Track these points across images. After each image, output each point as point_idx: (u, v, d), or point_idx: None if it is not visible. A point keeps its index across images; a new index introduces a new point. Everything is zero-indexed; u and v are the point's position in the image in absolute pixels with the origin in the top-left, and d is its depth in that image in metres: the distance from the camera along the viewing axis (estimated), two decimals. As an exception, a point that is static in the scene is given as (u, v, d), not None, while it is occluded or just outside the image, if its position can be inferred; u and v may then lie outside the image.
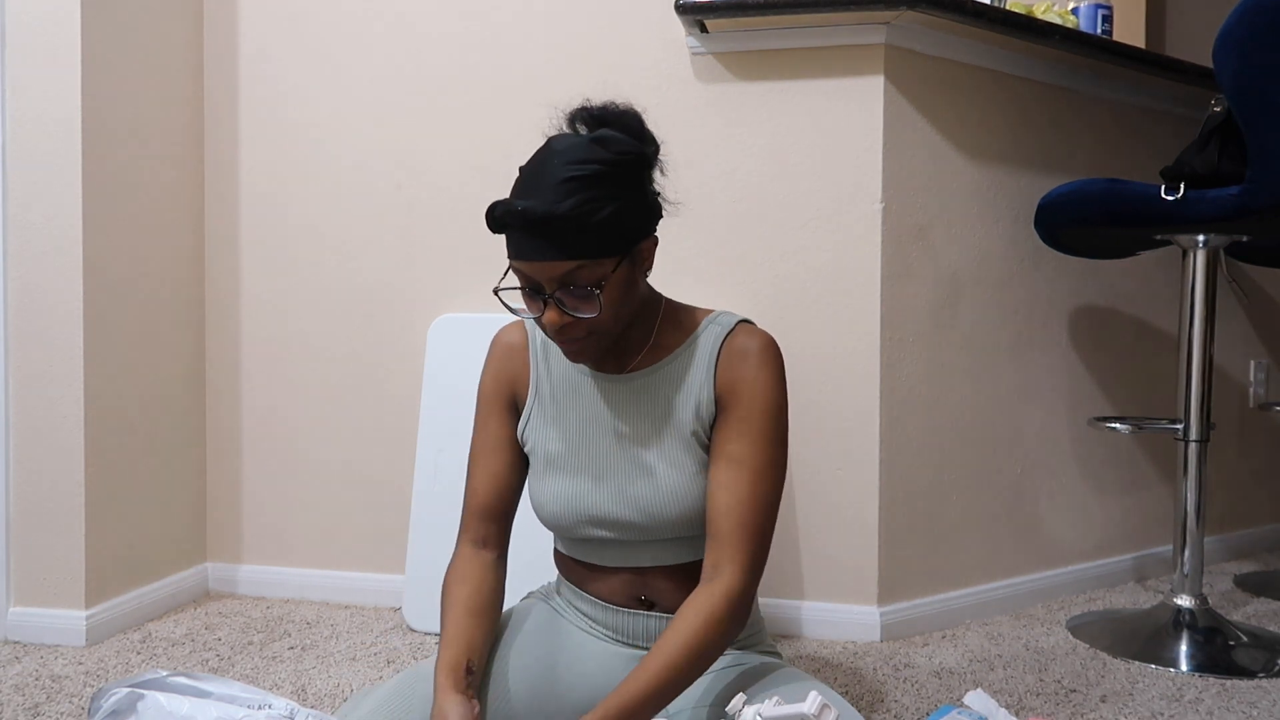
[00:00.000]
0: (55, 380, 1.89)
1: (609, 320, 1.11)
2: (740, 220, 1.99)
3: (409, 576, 2.01)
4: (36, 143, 1.87)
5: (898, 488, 1.97)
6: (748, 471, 1.12)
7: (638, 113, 1.15)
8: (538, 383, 1.24)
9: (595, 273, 1.07)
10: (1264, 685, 1.70)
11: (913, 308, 1.98)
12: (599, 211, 1.04)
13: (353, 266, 2.17)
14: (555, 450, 1.21)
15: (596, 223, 1.04)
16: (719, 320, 1.21)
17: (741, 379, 1.15)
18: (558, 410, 1.23)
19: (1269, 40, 1.64)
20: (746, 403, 1.14)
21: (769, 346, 1.17)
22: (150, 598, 2.05)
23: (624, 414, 1.20)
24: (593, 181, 1.05)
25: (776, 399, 1.15)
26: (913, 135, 1.97)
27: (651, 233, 1.14)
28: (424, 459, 2.03)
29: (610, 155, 1.07)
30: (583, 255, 1.05)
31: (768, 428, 1.14)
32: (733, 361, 1.16)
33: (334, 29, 2.16)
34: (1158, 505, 2.44)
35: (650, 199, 1.13)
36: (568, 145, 1.08)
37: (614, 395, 1.21)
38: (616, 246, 1.07)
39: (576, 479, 1.19)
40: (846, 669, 1.77)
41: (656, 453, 1.18)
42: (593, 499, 1.18)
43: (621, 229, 1.07)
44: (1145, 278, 2.39)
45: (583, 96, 2.07)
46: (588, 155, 1.06)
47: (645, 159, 1.12)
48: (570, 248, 1.04)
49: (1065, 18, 2.21)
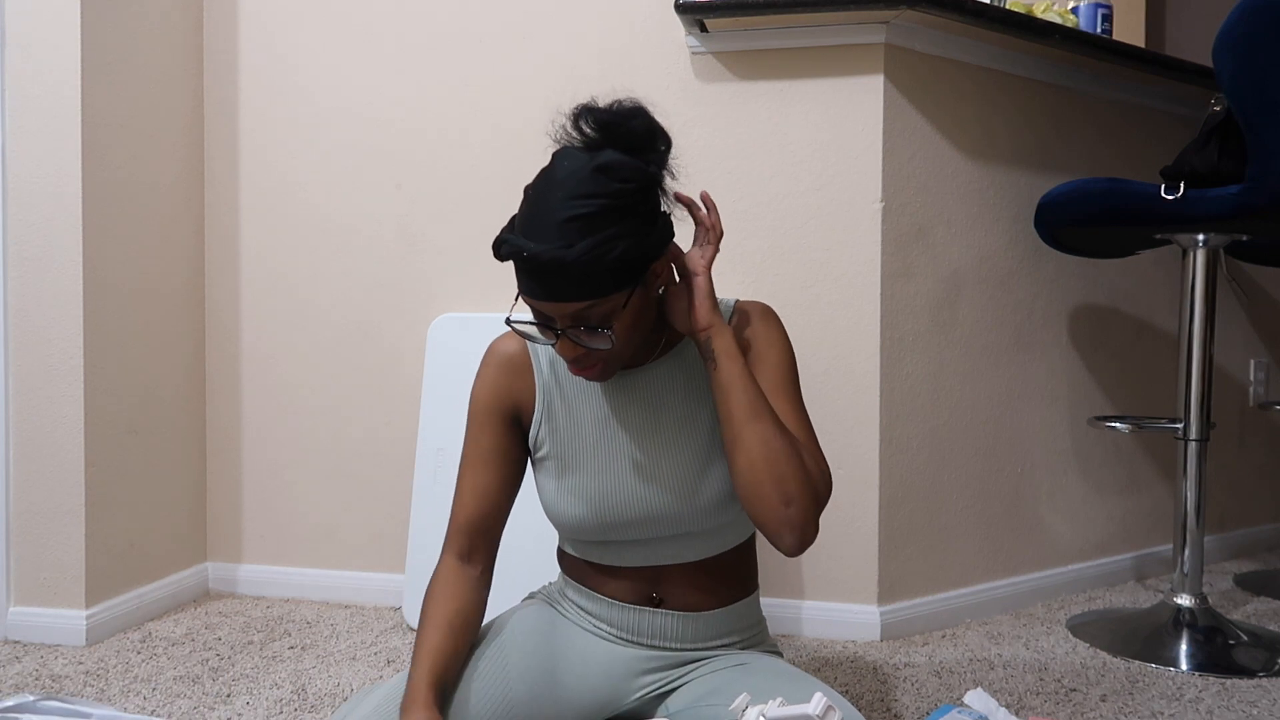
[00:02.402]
0: (55, 380, 1.89)
1: (625, 347, 1.10)
2: (740, 220, 1.99)
3: (409, 576, 2.01)
4: (36, 145, 1.87)
5: (898, 488, 1.97)
6: (784, 397, 1.14)
7: (645, 110, 1.10)
8: (544, 389, 1.22)
9: (607, 308, 1.05)
10: (1264, 684, 1.70)
11: (913, 307, 1.98)
12: (609, 254, 1.01)
13: (353, 265, 2.17)
14: (573, 452, 1.20)
15: (607, 264, 1.01)
16: (720, 304, 1.21)
17: (750, 337, 1.17)
18: (569, 413, 1.21)
19: (1268, 40, 1.64)
20: (759, 352, 1.17)
21: (767, 310, 1.21)
22: (150, 597, 2.05)
23: (640, 408, 1.19)
24: (599, 221, 1.01)
25: (787, 351, 1.18)
26: (913, 135, 1.97)
27: (665, 251, 1.11)
28: (424, 458, 2.03)
29: (615, 186, 1.02)
30: (594, 295, 1.03)
31: (786, 372, 1.17)
32: (741, 322, 1.19)
33: (335, 29, 2.16)
34: (1158, 505, 2.44)
35: (661, 219, 1.09)
36: (570, 174, 1.03)
37: (628, 391, 1.20)
38: (628, 280, 1.05)
39: (599, 479, 1.18)
40: (846, 669, 1.77)
41: (679, 442, 1.17)
42: (619, 498, 1.17)
43: (632, 264, 1.04)
44: (1145, 277, 2.39)
45: (582, 95, 2.08)
46: (592, 189, 1.01)
47: (651, 180, 1.07)
48: (581, 290, 1.02)
49: (1065, 17, 2.21)
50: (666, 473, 1.17)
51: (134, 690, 1.65)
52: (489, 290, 2.11)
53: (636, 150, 1.07)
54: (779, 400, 1.15)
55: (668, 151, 1.12)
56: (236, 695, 1.62)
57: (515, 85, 2.08)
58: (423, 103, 2.13)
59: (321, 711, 1.55)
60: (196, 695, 1.62)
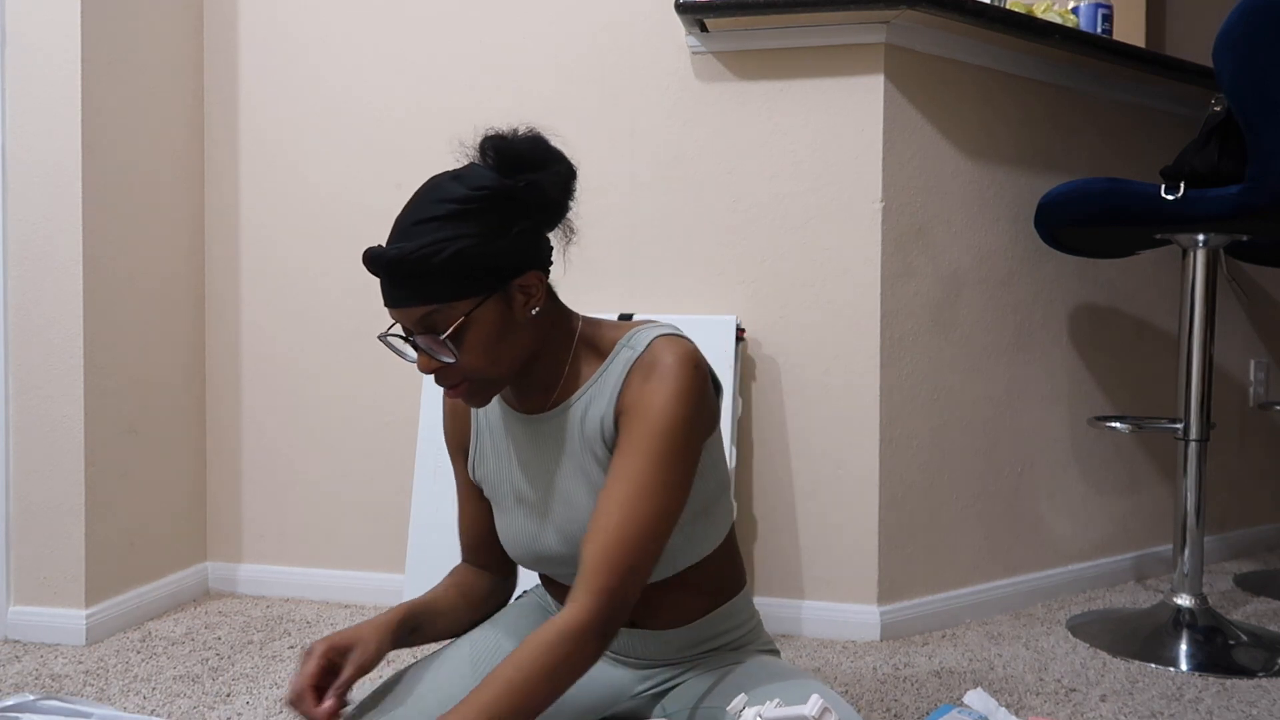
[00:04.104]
0: (55, 380, 1.89)
1: (482, 364, 1.05)
2: (740, 219, 1.99)
3: (409, 576, 2.01)
4: (36, 142, 1.87)
5: (898, 488, 1.97)
6: (628, 492, 1.02)
7: (536, 137, 1.07)
8: (478, 428, 1.23)
9: (449, 315, 1.02)
10: (1264, 684, 1.70)
11: (912, 307, 1.98)
12: (440, 253, 0.99)
13: (354, 264, 2.17)
14: (499, 492, 1.21)
15: (439, 265, 0.99)
16: (634, 340, 1.11)
17: (639, 395, 1.06)
18: (496, 453, 1.21)
19: (1269, 40, 1.64)
20: (639, 419, 1.05)
21: (680, 360, 1.06)
22: (150, 597, 2.05)
23: (550, 452, 1.15)
24: (442, 223, 1.00)
25: (673, 413, 1.04)
26: (913, 135, 1.97)
27: (528, 269, 1.06)
28: (424, 457, 2.03)
29: (463, 191, 1.01)
30: (430, 299, 1.01)
31: (658, 445, 1.03)
32: (634, 380, 1.07)
33: (334, 29, 2.16)
34: (1158, 505, 2.44)
35: (519, 235, 1.04)
36: (432, 184, 1.04)
37: (538, 435, 1.16)
38: (469, 289, 1.02)
39: (522, 519, 1.18)
40: (846, 669, 1.77)
41: (585, 488, 1.13)
42: (539, 538, 1.16)
43: (471, 270, 1.01)
44: (1145, 277, 2.39)
45: (583, 95, 2.08)
46: (442, 195, 1.01)
47: (508, 191, 1.03)
48: (416, 292, 1.01)
49: (1065, 17, 2.21)
50: (561, 518, 1.14)
51: (134, 690, 1.65)
52: (489, 290, 2.11)
53: (519, 169, 1.05)
54: (629, 462, 1.04)
55: (563, 175, 1.07)
56: (236, 695, 1.62)
57: (516, 85, 2.08)
58: (423, 100, 2.13)
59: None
60: (196, 695, 1.62)
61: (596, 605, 0.99)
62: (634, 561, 1.01)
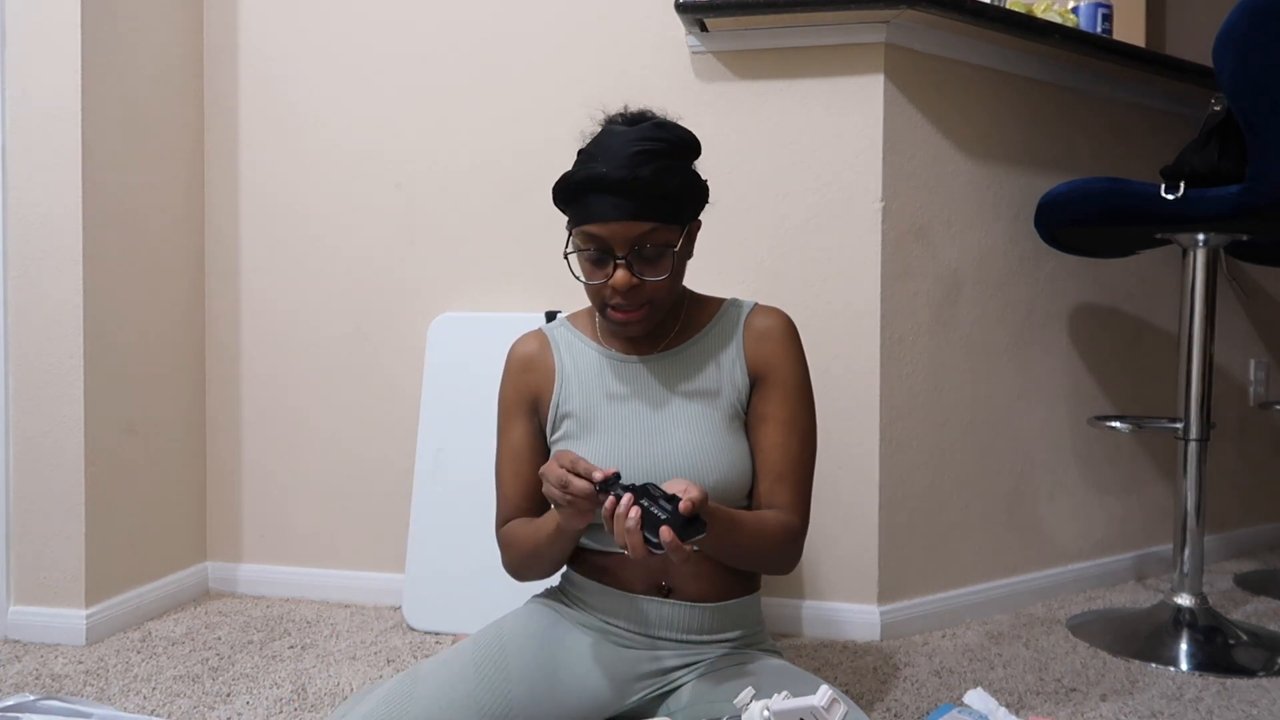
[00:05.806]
0: (55, 380, 1.89)
1: (667, 289, 1.21)
2: (740, 219, 1.99)
3: (409, 575, 2.01)
4: (36, 141, 1.87)
5: (898, 487, 1.97)
6: (796, 433, 1.26)
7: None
8: (563, 375, 1.30)
9: (666, 237, 1.19)
10: (1264, 684, 1.70)
11: (913, 307, 1.98)
12: (672, 180, 1.17)
13: (353, 265, 2.17)
14: (590, 421, 1.26)
15: (672, 189, 1.17)
16: (736, 304, 1.36)
17: (773, 354, 1.29)
18: (587, 393, 1.28)
19: (1269, 40, 1.64)
20: (783, 376, 1.28)
21: (791, 325, 1.33)
22: (150, 597, 2.05)
23: (658, 389, 1.27)
24: (664, 154, 1.18)
25: (805, 370, 1.31)
26: (913, 134, 1.97)
27: (699, 215, 1.26)
28: (424, 457, 2.03)
29: (673, 136, 1.21)
30: (659, 218, 1.17)
31: (805, 396, 1.29)
32: (760, 339, 1.30)
33: (335, 27, 2.16)
34: (1158, 504, 2.44)
35: (702, 181, 1.25)
36: (629, 128, 1.21)
37: (647, 373, 1.28)
38: (683, 216, 1.21)
39: (616, 440, 1.24)
40: (846, 668, 1.77)
41: (694, 421, 1.24)
42: (634, 464, 1.21)
43: (687, 201, 1.20)
44: (1145, 277, 2.39)
45: (583, 94, 2.07)
46: (655, 134, 1.19)
47: (698, 146, 1.27)
48: (648, 210, 1.15)
49: (1065, 17, 2.21)
50: (678, 447, 1.23)
51: (134, 690, 1.65)
52: (489, 290, 2.11)
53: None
54: (782, 433, 1.25)
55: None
56: (236, 695, 1.62)
57: (515, 85, 2.08)
58: (423, 102, 2.12)
59: (321, 711, 1.55)
60: (196, 695, 1.62)
61: (803, 521, 1.24)
62: (811, 485, 1.28)
